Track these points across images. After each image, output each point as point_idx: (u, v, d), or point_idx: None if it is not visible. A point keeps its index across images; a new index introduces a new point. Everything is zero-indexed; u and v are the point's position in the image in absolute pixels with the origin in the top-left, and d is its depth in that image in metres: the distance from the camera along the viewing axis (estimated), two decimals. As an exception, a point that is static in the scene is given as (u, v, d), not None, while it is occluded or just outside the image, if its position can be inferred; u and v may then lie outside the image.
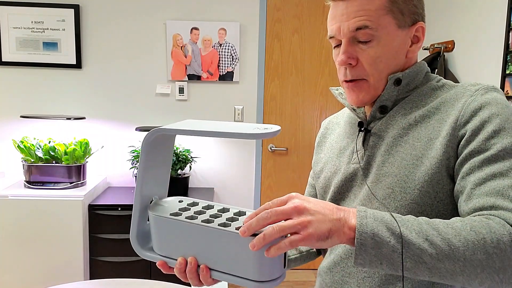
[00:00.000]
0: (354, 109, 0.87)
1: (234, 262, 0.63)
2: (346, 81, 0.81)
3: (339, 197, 0.87)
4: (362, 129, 0.84)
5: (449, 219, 0.71)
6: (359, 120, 0.86)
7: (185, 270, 0.67)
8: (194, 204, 0.72)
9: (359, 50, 0.77)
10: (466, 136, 0.70)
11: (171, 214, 0.68)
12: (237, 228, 0.62)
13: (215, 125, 0.66)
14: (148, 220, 0.73)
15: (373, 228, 0.60)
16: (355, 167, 0.83)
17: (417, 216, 0.71)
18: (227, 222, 0.65)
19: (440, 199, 0.72)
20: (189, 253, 0.67)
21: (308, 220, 0.58)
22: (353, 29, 0.76)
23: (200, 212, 0.69)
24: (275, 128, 0.63)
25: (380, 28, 0.76)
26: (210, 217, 0.67)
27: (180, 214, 0.68)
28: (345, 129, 0.92)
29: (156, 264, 0.70)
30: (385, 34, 0.76)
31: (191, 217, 0.67)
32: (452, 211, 0.73)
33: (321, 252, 0.99)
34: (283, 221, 0.59)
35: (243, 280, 0.63)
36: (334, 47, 0.83)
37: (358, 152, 0.84)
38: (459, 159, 0.71)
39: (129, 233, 2.36)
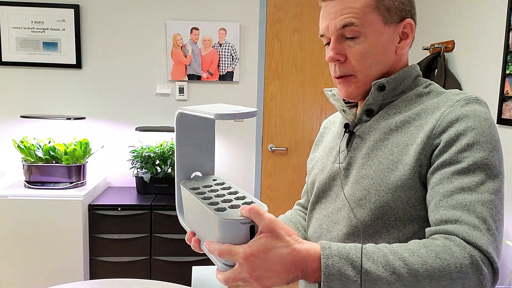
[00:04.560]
0: (344, 111, 0.89)
1: (203, 238, 0.68)
2: (336, 77, 0.85)
3: (322, 195, 0.89)
4: (347, 130, 0.86)
5: (421, 224, 0.73)
6: (346, 121, 0.88)
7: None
8: (221, 184, 0.75)
9: (346, 47, 0.80)
10: (440, 146, 0.71)
11: (191, 189, 0.72)
12: (217, 210, 0.63)
13: (210, 108, 0.69)
14: None
15: (339, 268, 0.60)
16: (337, 167, 0.86)
17: (390, 219, 0.74)
18: (220, 202, 0.67)
19: (413, 204, 0.73)
20: (193, 225, 0.73)
21: (258, 275, 0.59)
22: (340, 26, 0.79)
23: (213, 191, 0.72)
24: (250, 109, 0.65)
25: (366, 24, 0.78)
26: (215, 196, 0.69)
27: (198, 189, 0.72)
28: (338, 129, 0.94)
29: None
30: (372, 30, 0.78)
31: (200, 193, 0.71)
32: (424, 217, 0.74)
33: None
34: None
35: (216, 259, 0.65)
36: (325, 45, 0.85)
37: (341, 153, 0.86)
38: (431, 168, 0.72)
39: (128, 233, 2.37)
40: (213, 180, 0.77)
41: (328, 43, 0.83)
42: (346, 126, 0.87)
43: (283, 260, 0.59)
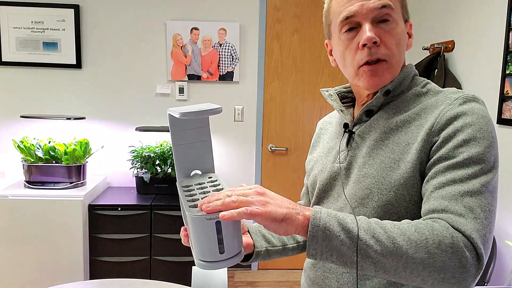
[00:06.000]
0: (342, 111, 0.90)
1: (189, 233, 0.71)
2: (367, 64, 0.79)
3: (323, 195, 0.90)
4: (347, 130, 0.87)
5: None
6: (344, 121, 0.89)
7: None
8: (213, 181, 0.77)
9: (381, 31, 0.78)
10: (437, 142, 0.72)
11: (183, 186, 0.75)
12: (192, 206, 0.66)
13: (186, 107, 0.72)
14: None
15: (325, 222, 0.64)
16: (338, 166, 0.86)
17: (393, 217, 0.75)
18: (201, 199, 0.68)
19: (415, 202, 0.74)
20: (185, 221, 0.75)
21: (267, 200, 0.64)
22: (379, 6, 0.77)
23: (202, 188, 0.74)
24: (214, 106, 0.68)
25: (397, 11, 0.80)
26: (200, 193, 0.71)
27: (190, 186, 0.75)
28: (336, 129, 0.95)
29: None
30: (399, 18, 0.80)
31: (189, 190, 0.73)
32: None
33: None
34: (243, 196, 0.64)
35: (194, 255, 0.68)
36: (344, 32, 0.81)
37: (341, 153, 0.86)
38: (428, 163, 0.73)
39: (128, 233, 2.37)
40: (209, 178, 0.78)
41: (351, 29, 0.80)
42: (346, 126, 0.87)
43: (286, 199, 0.68)
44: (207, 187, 0.74)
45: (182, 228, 0.82)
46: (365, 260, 0.63)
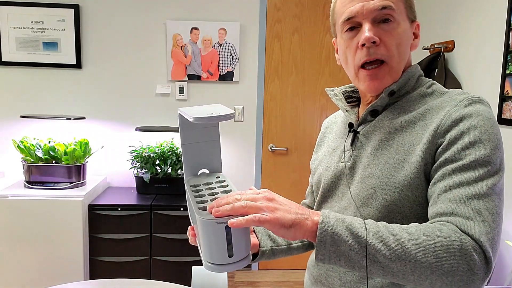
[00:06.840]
0: (346, 110, 0.90)
1: (197, 234, 0.71)
2: (366, 67, 0.80)
3: (327, 194, 0.90)
4: (352, 130, 0.87)
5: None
6: (349, 121, 0.89)
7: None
8: (221, 182, 0.78)
9: (381, 31, 0.78)
10: (443, 144, 0.72)
11: (191, 186, 0.76)
12: (201, 208, 0.66)
13: (198, 110, 0.72)
14: None
15: (333, 227, 0.64)
16: (343, 166, 0.86)
17: (397, 218, 0.75)
18: (209, 201, 0.69)
19: (419, 202, 0.74)
20: (193, 220, 0.76)
21: (276, 207, 0.64)
22: (379, 7, 0.77)
23: (210, 188, 0.74)
24: (227, 112, 0.68)
25: (399, 12, 0.79)
26: (208, 194, 0.71)
27: (198, 186, 0.76)
28: (340, 129, 0.95)
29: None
30: (402, 19, 0.80)
31: (197, 190, 0.74)
32: None
33: None
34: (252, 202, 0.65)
35: (203, 257, 0.68)
36: (345, 31, 0.82)
37: (346, 152, 0.86)
38: (434, 165, 0.73)
39: (128, 233, 2.37)
40: (216, 177, 0.79)
41: (352, 28, 0.80)
42: (350, 125, 0.87)
43: (295, 203, 0.68)
44: (215, 187, 0.74)
45: (189, 227, 0.82)
46: (374, 265, 0.63)
